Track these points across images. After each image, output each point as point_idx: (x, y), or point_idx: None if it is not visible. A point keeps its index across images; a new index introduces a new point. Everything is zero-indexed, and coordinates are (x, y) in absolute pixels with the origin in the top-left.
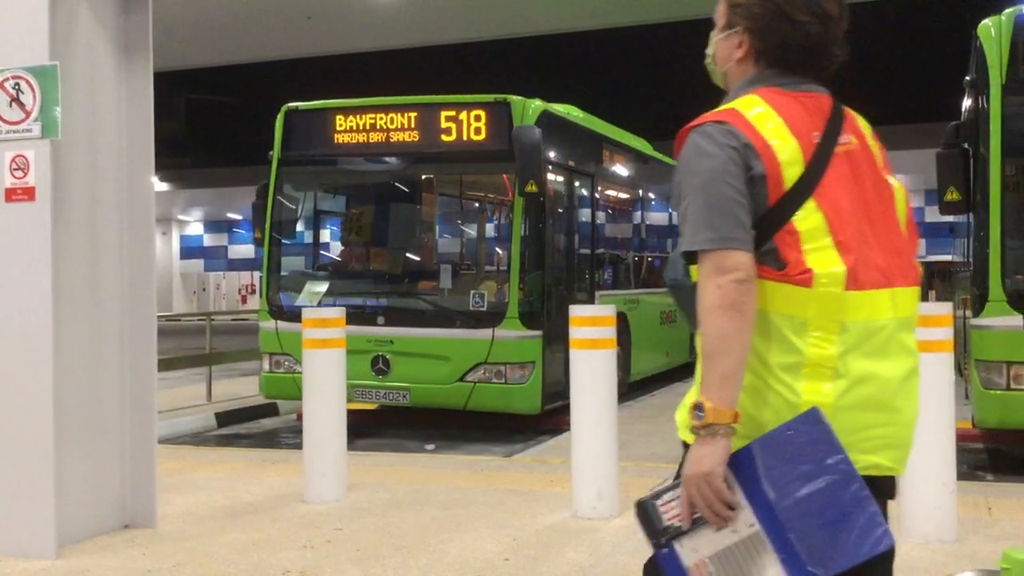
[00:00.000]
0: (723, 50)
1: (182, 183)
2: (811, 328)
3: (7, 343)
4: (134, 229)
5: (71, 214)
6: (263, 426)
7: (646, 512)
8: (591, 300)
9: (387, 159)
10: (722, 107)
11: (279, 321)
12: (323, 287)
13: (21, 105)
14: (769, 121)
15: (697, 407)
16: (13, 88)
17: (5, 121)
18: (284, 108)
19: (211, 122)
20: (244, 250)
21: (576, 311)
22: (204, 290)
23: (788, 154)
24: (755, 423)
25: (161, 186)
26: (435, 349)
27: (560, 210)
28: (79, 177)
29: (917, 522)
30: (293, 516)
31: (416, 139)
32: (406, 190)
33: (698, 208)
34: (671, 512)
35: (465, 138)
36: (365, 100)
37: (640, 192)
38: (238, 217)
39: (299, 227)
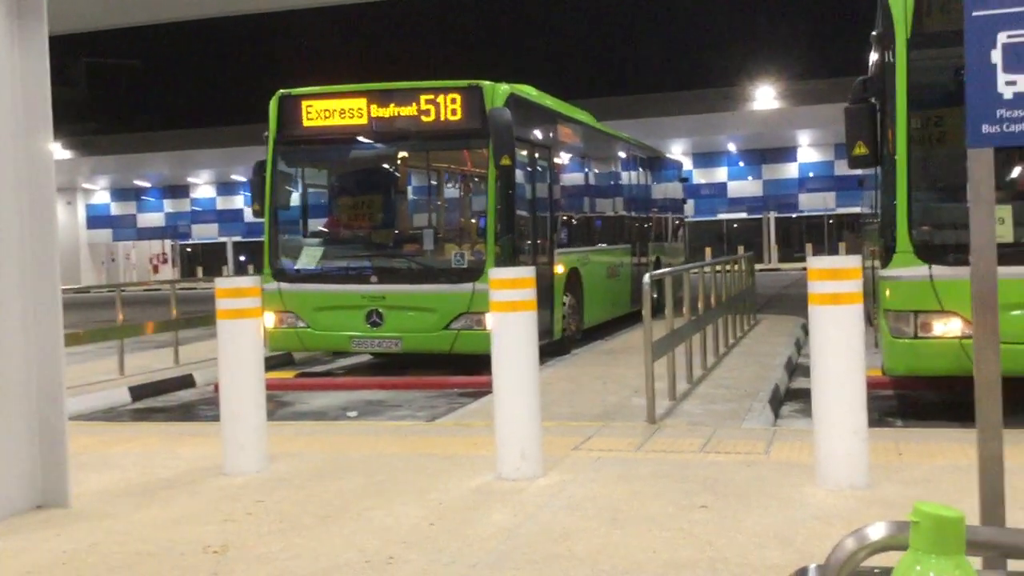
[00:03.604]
0: None
1: (86, 150)
2: None
3: None
4: (33, 200)
5: None
6: (180, 398)
7: None
8: (551, 257)
9: (373, 138)
10: None
11: (281, 283)
12: (320, 251)
13: None
14: None
15: None
16: None
17: None
18: (278, 93)
19: (114, 86)
20: (154, 218)
21: (496, 273)
22: (113, 260)
23: None
24: None
25: (64, 154)
26: (422, 302)
27: (525, 180)
28: None
29: (830, 469)
30: (213, 489)
31: (398, 120)
32: (391, 165)
33: None
34: None
35: (442, 119)
36: (353, 86)
37: (589, 161)
38: (146, 184)
39: (295, 199)
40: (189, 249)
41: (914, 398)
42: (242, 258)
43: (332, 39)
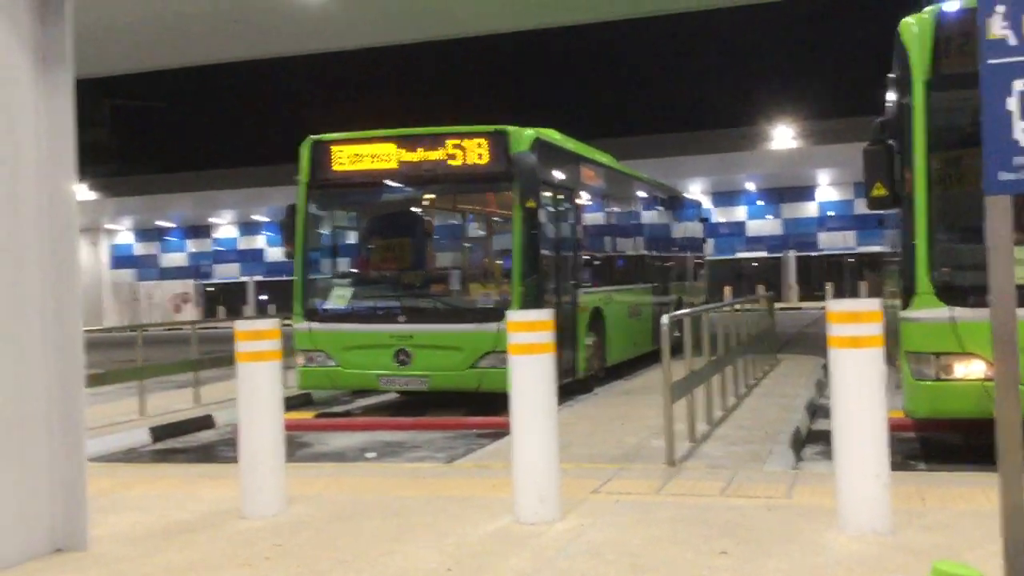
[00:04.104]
0: None
1: (110, 191)
2: None
3: None
4: (56, 241)
5: None
6: (200, 439)
7: None
8: (575, 297)
9: (401, 182)
10: None
11: (312, 322)
12: (349, 292)
13: None
14: None
15: None
16: None
17: None
18: (309, 139)
19: (139, 128)
20: (177, 258)
21: (513, 316)
22: (136, 299)
23: None
24: None
25: (88, 195)
26: (449, 341)
27: (549, 221)
28: None
29: (852, 514)
30: (231, 533)
31: (425, 164)
32: (418, 208)
33: None
34: None
35: (469, 163)
36: (381, 132)
37: (611, 202)
38: (169, 225)
39: (325, 241)
40: (211, 289)
41: (937, 440)
42: (263, 297)
43: (353, 82)
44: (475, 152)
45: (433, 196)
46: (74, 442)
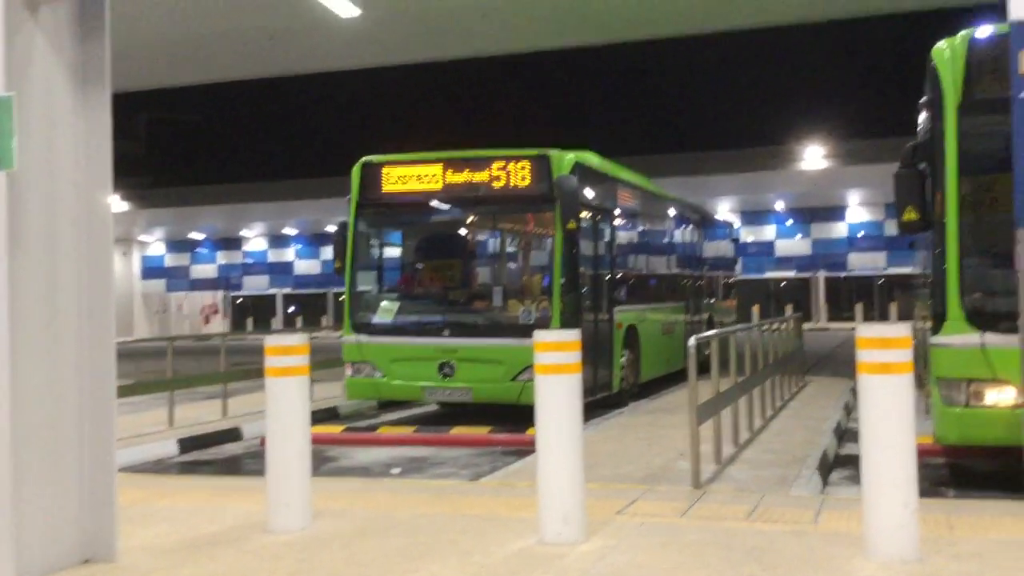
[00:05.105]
0: None
1: (143, 203)
2: None
3: None
4: (92, 256)
5: (28, 242)
6: (226, 451)
7: None
8: (611, 314)
9: (447, 202)
10: None
11: (360, 335)
12: (396, 306)
13: None
14: None
15: None
16: None
17: None
18: (361, 161)
19: (172, 141)
20: (207, 270)
21: (540, 336)
22: (166, 310)
23: None
24: None
25: (122, 206)
26: (492, 355)
27: (588, 240)
28: (35, 205)
29: (879, 542)
30: (257, 547)
31: (471, 186)
32: (463, 227)
33: None
34: None
35: (512, 185)
36: (429, 154)
37: (646, 222)
38: (200, 236)
39: (374, 258)
40: (240, 300)
41: (967, 467)
42: (291, 309)
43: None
44: (518, 175)
45: (477, 216)
46: (105, 453)
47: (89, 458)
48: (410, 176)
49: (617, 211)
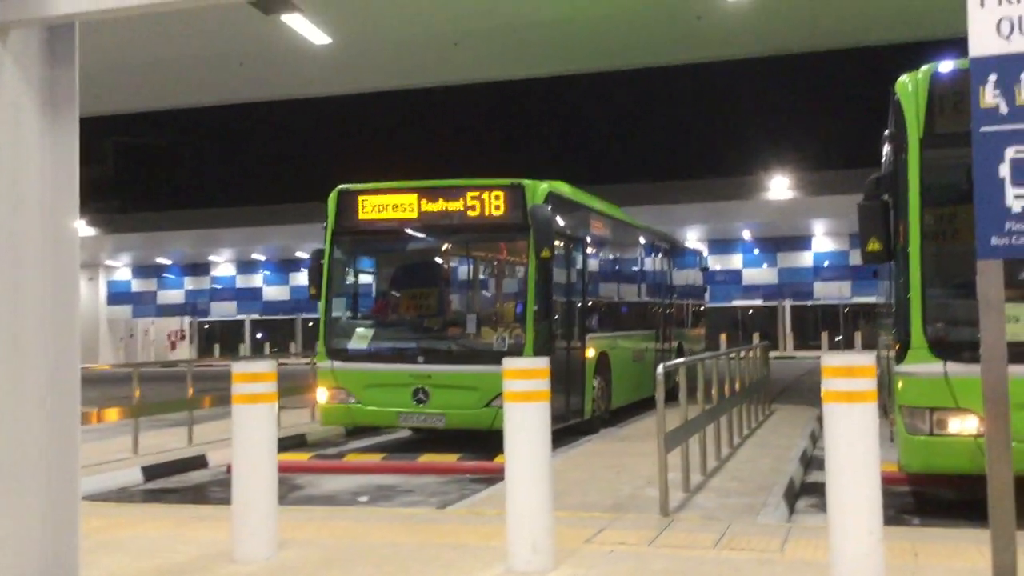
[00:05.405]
0: None
1: (110, 227)
2: None
3: None
4: (58, 280)
5: None
6: (191, 480)
7: None
8: (583, 341)
9: (422, 231)
10: None
11: (335, 361)
12: (371, 333)
13: None
14: None
15: None
16: None
17: None
18: (337, 189)
19: (141, 166)
20: (174, 295)
21: (510, 363)
22: (132, 336)
23: None
24: None
25: (88, 231)
26: (465, 381)
27: (561, 269)
28: (0, 229)
29: (845, 570)
30: None
31: (446, 215)
32: (438, 255)
33: None
34: None
35: (487, 214)
36: (405, 183)
37: (617, 251)
38: (167, 262)
39: (349, 285)
40: (207, 326)
41: (931, 495)
42: (259, 335)
43: (354, 126)
44: (493, 204)
45: (452, 244)
46: (69, 480)
47: (52, 485)
48: (386, 205)
49: (589, 240)
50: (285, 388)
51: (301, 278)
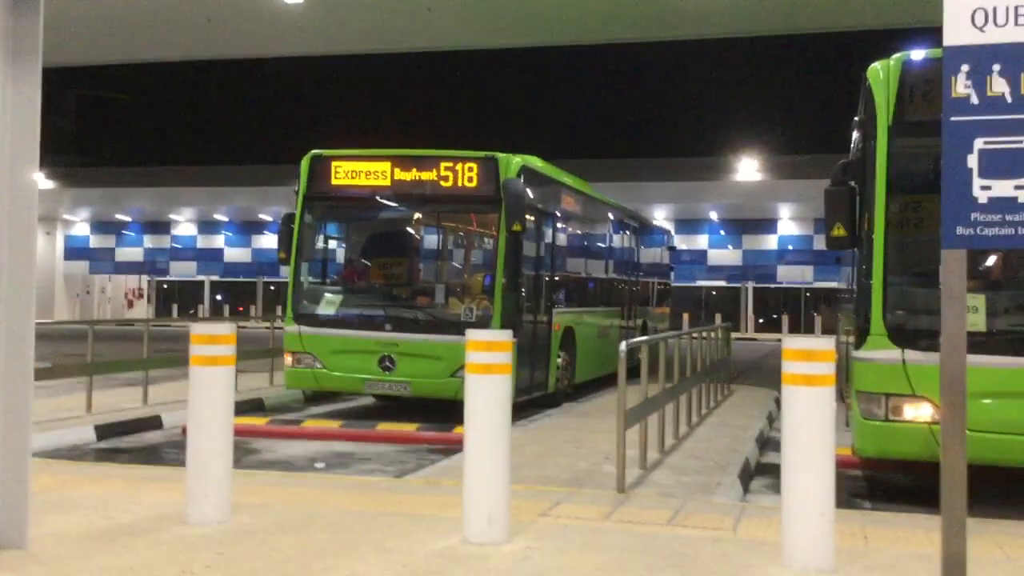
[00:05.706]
0: None
1: (69, 181)
2: None
3: None
4: (14, 233)
5: None
6: (145, 440)
7: None
8: (550, 315)
9: (394, 199)
10: None
11: (302, 326)
12: (339, 299)
13: None
14: None
15: None
16: None
17: None
18: (311, 153)
19: (104, 120)
20: (132, 253)
21: (473, 335)
22: (88, 293)
23: None
24: None
25: (47, 184)
26: (431, 351)
27: (531, 242)
28: None
29: (796, 551)
30: (173, 539)
31: (418, 184)
32: (409, 224)
33: None
34: None
35: (459, 185)
36: (379, 151)
37: (586, 227)
38: (127, 219)
39: (319, 250)
40: (166, 286)
41: (884, 480)
42: (219, 297)
43: (325, 88)
44: (466, 176)
45: (424, 214)
46: (20, 437)
47: (3, 440)
48: (359, 171)
49: (559, 215)
50: (244, 352)
51: (264, 240)
